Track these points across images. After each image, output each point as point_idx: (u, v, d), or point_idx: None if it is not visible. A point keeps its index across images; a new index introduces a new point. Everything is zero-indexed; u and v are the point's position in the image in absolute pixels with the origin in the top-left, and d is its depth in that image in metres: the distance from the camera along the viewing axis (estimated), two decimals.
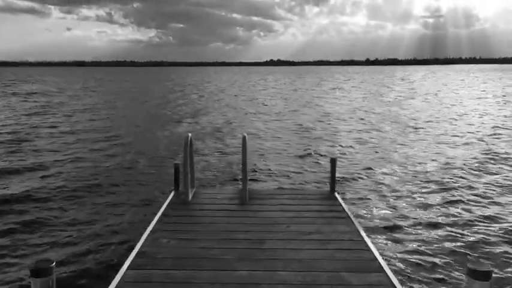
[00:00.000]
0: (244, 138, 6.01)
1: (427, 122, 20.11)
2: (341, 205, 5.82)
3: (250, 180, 8.85)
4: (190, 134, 6.03)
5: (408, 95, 36.52)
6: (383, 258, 4.20)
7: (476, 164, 11.72)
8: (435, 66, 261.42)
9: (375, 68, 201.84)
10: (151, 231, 4.80)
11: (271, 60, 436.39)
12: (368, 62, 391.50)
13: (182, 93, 42.71)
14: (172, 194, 6.27)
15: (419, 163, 11.94)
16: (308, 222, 5.17)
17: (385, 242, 6.63)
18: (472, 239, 6.72)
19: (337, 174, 6.64)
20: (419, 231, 7.03)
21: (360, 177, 10.51)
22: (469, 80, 65.56)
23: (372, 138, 16.09)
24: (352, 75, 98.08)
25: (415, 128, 18.16)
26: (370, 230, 6.80)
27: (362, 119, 21.53)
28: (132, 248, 4.39)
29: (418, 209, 8.13)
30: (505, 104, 28.37)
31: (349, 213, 5.49)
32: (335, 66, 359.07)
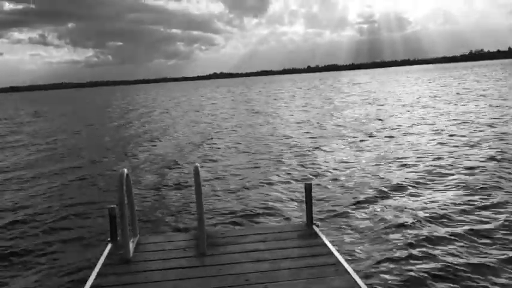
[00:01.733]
0: (196, 168, 4.74)
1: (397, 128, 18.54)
2: (324, 243, 4.82)
3: (209, 220, 7.72)
4: (125, 170, 4.67)
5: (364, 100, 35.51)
6: None
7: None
8: (374, 69, 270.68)
9: (319, 75, 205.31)
10: None
11: (215, 73, 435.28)
12: (309, 69, 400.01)
13: (121, 114, 39.29)
14: (108, 247, 4.99)
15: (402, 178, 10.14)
16: (289, 276, 4.04)
17: None
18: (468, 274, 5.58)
19: (314, 202, 5.58)
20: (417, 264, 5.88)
21: (340, 203, 8.70)
22: (410, 81, 66.84)
23: (346, 151, 14.05)
24: (298, 83, 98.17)
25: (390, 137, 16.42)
26: (367, 275, 5.60)
27: (324, 128, 19.67)
28: None
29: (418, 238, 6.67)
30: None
31: (334, 251, 4.55)
32: (277, 75, 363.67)
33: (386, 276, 5.65)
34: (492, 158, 11.68)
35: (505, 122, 18.12)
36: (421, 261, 5.99)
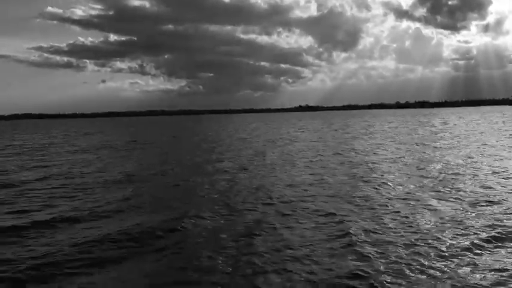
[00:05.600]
0: None
1: None
2: None
3: None
4: None
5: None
6: None
7: None
8: (475, 107, 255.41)
9: (422, 111, 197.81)
10: None
11: (300, 106, 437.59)
12: (398, 105, 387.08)
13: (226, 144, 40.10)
14: None
15: None
16: None
17: None
18: None
19: None
20: None
21: None
22: None
23: None
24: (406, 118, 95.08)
25: None
26: None
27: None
28: None
29: None
30: None
31: None
32: (364, 109, 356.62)
33: None
34: None
35: None
36: None
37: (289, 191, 15.94)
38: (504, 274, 7.87)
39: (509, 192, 14.49)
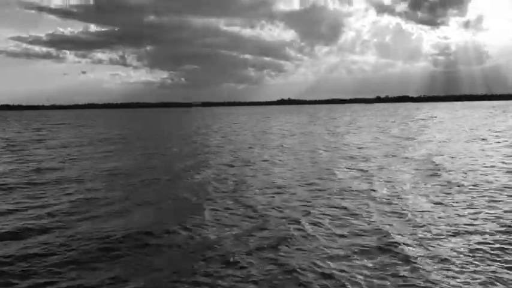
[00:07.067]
0: None
1: None
2: None
3: None
4: None
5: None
6: None
7: None
8: (451, 103, 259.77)
9: (392, 105, 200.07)
10: None
11: (282, 99, 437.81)
12: (378, 99, 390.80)
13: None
14: None
15: None
16: None
17: None
18: None
19: None
20: None
21: None
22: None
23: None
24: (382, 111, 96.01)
25: None
26: None
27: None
28: None
29: None
30: None
31: None
32: (347, 103, 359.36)
33: None
34: None
35: None
36: None
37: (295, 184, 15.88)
38: None
39: None
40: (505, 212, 11.71)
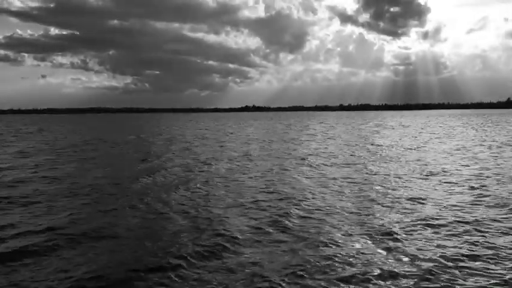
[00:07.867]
0: None
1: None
2: None
3: None
4: None
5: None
6: None
7: None
8: (410, 111, 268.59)
9: (354, 113, 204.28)
10: None
11: (247, 106, 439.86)
12: (341, 108, 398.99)
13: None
14: None
15: None
16: None
17: None
18: None
19: None
20: None
21: None
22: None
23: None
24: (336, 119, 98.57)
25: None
26: None
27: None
28: None
29: None
30: None
31: None
32: (311, 111, 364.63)
33: None
34: None
35: None
36: None
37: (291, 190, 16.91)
38: None
39: None
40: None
